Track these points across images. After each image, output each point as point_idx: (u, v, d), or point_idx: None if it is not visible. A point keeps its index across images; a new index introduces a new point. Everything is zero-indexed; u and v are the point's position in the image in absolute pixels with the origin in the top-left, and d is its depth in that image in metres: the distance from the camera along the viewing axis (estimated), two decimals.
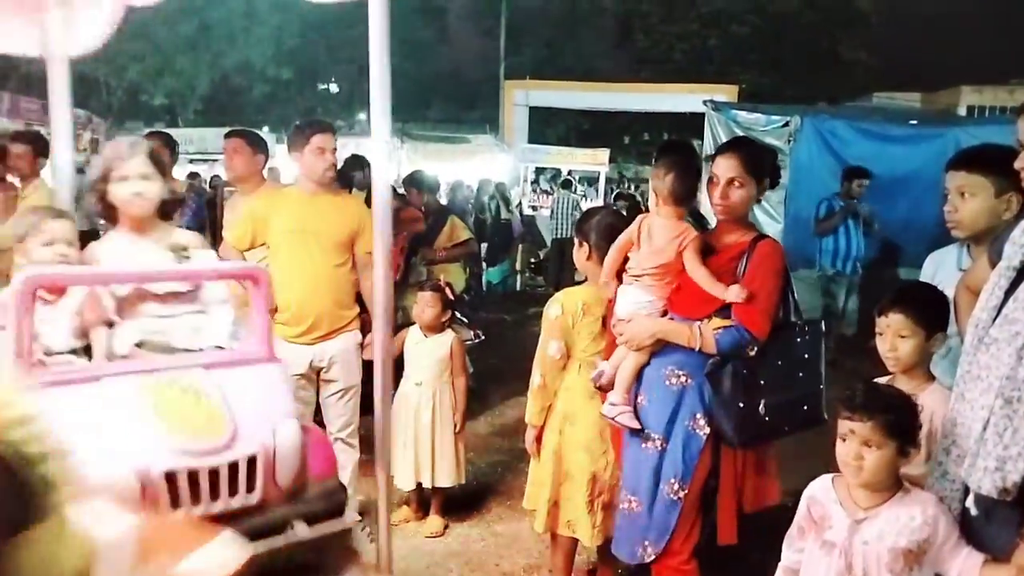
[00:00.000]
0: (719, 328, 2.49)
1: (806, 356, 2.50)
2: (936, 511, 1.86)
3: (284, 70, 21.94)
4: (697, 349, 2.49)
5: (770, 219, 7.65)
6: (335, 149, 3.51)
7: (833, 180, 7.43)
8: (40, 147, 5.00)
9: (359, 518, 3.70)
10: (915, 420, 1.92)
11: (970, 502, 1.81)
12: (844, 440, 1.91)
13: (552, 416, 3.00)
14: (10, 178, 4.75)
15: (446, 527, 3.78)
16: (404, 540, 3.70)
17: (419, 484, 3.74)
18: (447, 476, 3.73)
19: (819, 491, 2.05)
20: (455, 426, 3.75)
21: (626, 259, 2.69)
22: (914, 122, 8.24)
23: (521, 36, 25.02)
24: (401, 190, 6.09)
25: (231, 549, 1.38)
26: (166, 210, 2.49)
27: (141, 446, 1.88)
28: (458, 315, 5.50)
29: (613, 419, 2.69)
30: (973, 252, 2.59)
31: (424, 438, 3.68)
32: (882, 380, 2.32)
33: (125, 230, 2.43)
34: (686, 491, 2.54)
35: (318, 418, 3.69)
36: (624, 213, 3.69)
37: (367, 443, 3.81)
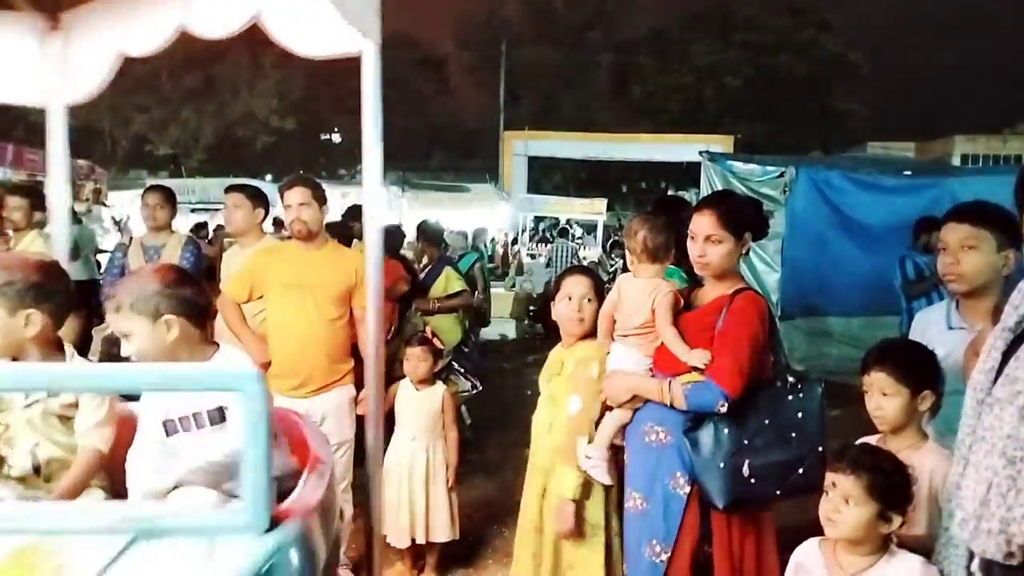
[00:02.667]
0: (689, 384, 2.41)
1: (799, 415, 2.36)
2: (923, 573, 1.83)
3: (287, 121, 22.30)
4: (668, 405, 2.44)
5: (768, 268, 7.68)
6: (303, 203, 3.49)
7: (828, 228, 7.48)
8: (37, 200, 5.05)
9: (351, 575, 3.68)
10: (904, 487, 1.89)
11: (975, 567, 1.78)
12: (827, 493, 1.90)
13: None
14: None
15: None
16: None
17: (413, 540, 3.69)
18: (441, 531, 3.67)
19: (805, 555, 2.02)
20: (448, 481, 3.70)
21: None
22: (908, 173, 8.32)
23: (520, 88, 25.48)
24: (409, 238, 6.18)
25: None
26: None
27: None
28: (455, 365, 5.49)
29: (587, 472, 2.63)
30: (962, 309, 2.59)
31: (418, 493, 3.64)
32: (872, 439, 2.30)
33: None
34: (669, 554, 2.43)
35: None
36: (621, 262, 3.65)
37: (360, 497, 3.78)
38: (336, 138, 28.55)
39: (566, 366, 2.82)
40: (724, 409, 2.34)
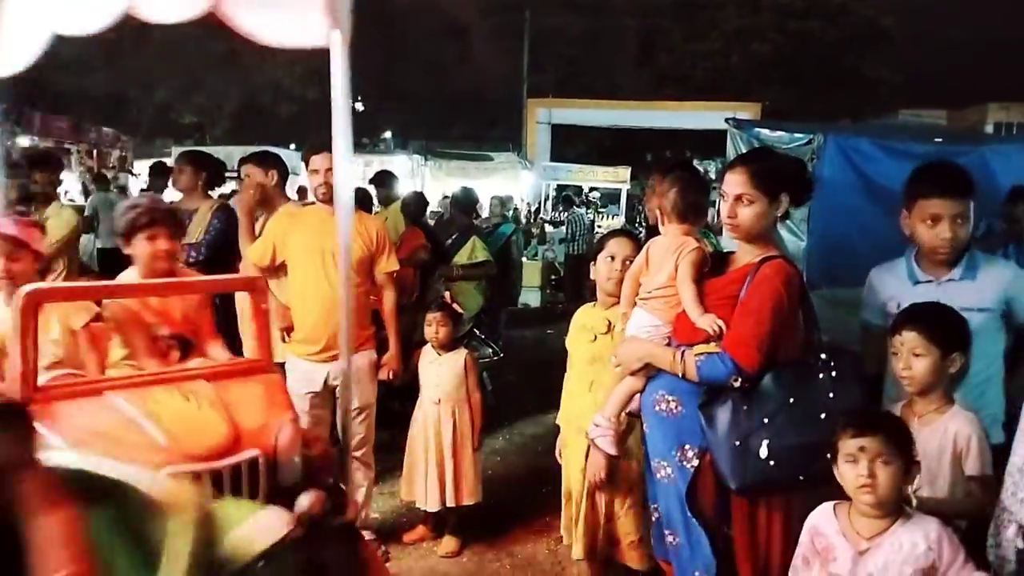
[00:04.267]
0: (702, 354, 2.27)
1: (831, 396, 2.16)
2: (939, 534, 1.83)
3: (311, 90, 22.26)
4: (680, 376, 2.31)
5: (793, 237, 7.57)
6: (330, 168, 3.49)
7: (856, 197, 7.33)
8: (57, 166, 5.11)
9: (373, 536, 3.73)
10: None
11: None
12: (854, 461, 1.86)
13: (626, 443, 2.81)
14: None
15: (461, 547, 3.76)
16: (419, 560, 3.69)
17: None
18: (468, 494, 3.70)
19: (821, 521, 2.00)
20: (473, 443, 3.74)
21: None
22: (939, 140, 8.14)
23: (544, 55, 25.16)
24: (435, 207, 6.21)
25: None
26: None
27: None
28: (477, 332, 5.52)
29: (593, 440, 2.63)
30: (924, 262, 2.57)
31: (446, 456, 3.67)
32: (900, 404, 2.28)
33: None
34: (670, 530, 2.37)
35: (334, 436, 3.70)
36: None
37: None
38: (359, 107, 28.49)
39: (615, 326, 2.83)
40: (738, 383, 2.19)
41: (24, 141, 9.17)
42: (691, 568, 2.36)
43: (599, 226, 13.51)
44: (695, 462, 2.32)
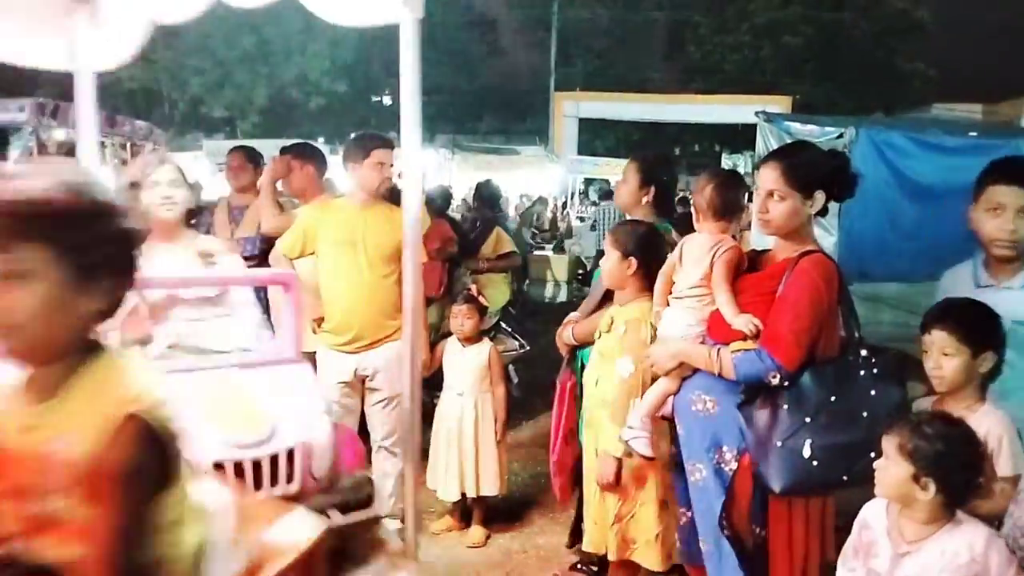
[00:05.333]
0: (739, 351, 2.22)
1: (872, 393, 2.13)
2: (986, 546, 1.77)
3: (339, 83, 22.39)
4: (716, 374, 2.27)
5: (824, 231, 7.48)
6: (393, 164, 3.54)
7: (888, 191, 7.25)
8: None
9: (400, 525, 3.76)
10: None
11: None
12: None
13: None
14: None
15: (488, 538, 3.79)
16: (445, 550, 3.72)
17: (462, 494, 3.76)
18: (490, 486, 3.74)
19: (871, 516, 1.99)
20: (496, 435, 3.76)
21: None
22: (974, 134, 8.00)
23: (572, 48, 25.09)
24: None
25: (309, 522, 1.63)
26: (190, 218, 2.79)
27: (191, 439, 1.94)
28: (503, 325, 5.54)
29: (627, 443, 2.59)
30: (992, 266, 2.51)
31: (467, 448, 3.70)
32: (928, 400, 2.26)
33: (156, 239, 2.52)
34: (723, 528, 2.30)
35: (362, 426, 3.74)
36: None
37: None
38: (387, 100, 28.60)
39: (616, 324, 2.82)
40: (776, 381, 2.15)
41: (60, 134, 9.33)
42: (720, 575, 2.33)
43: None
44: (733, 464, 2.30)
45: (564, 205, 17.28)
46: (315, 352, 3.65)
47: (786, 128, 7.82)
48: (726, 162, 19.91)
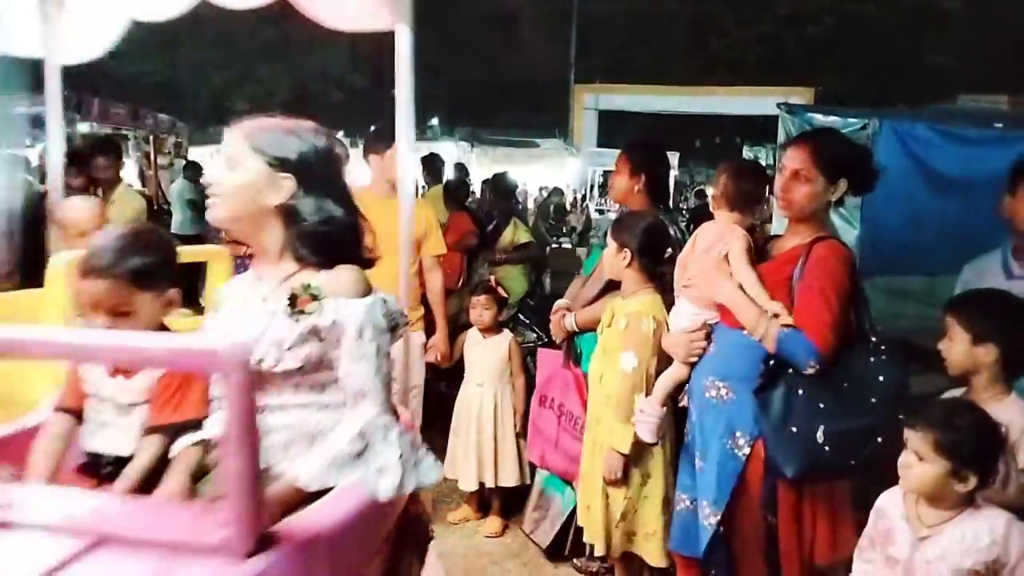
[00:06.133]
0: (788, 327, 2.18)
1: (881, 379, 2.14)
2: (1008, 530, 1.78)
3: (359, 78, 22.49)
4: (758, 339, 2.23)
5: (847, 224, 7.41)
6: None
7: (912, 183, 7.15)
8: (116, 153, 5.28)
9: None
10: (983, 446, 1.81)
11: None
12: (906, 446, 1.87)
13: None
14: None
15: (505, 528, 3.81)
16: (463, 539, 3.75)
17: (481, 484, 3.78)
18: (509, 476, 3.75)
19: (887, 504, 1.99)
20: (516, 426, 3.77)
21: None
22: (999, 125, 7.88)
23: (592, 40, 24.94)
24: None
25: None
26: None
27: None
28: (521, 317, 5.54)
29: (635, 424, 2.62)
30: (1018, 254, 2.46)
31: (487, 439, 3.72)
32: (958, 391, 2.24)
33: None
34: (718, 518, 2.32)
35: None
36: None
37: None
38: None
39: (617, 318, 2.80)
40: (812, 370, 2.14)
41: (84, 127, 9.45)
42: (704, 497, 2.38)
43: None
44: (746, 449, 2.30)
45: (584, 198, 17.23)
46: None
47: (808, 120, 7.73)
48: (747, 154, 19.74)
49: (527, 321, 5.49)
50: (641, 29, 26.55)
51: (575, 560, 3.45)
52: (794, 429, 2.15)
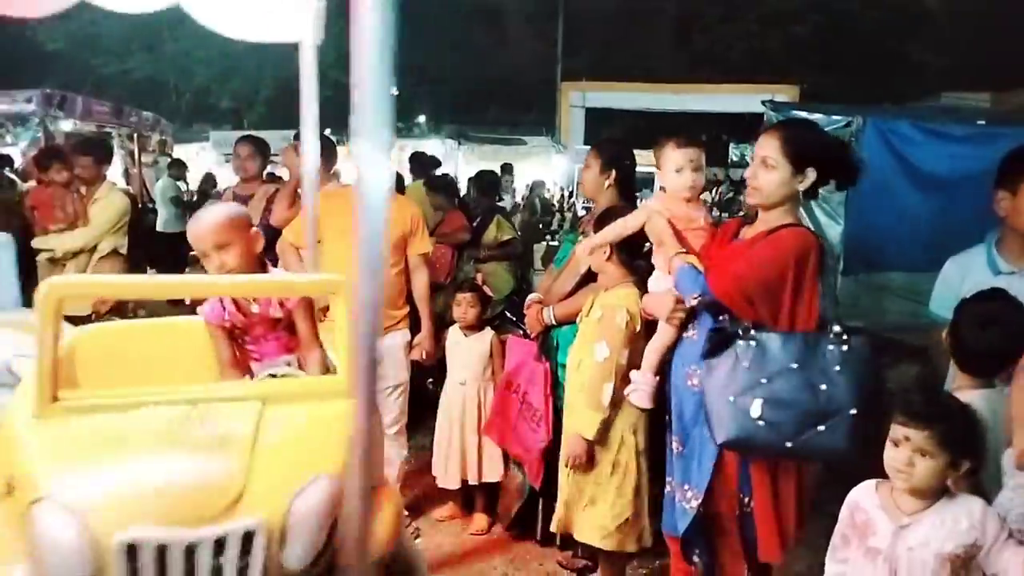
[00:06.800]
0: (690, 264, 2.40)
1: (837, 369, 2.13)
2: (983, 514, 1.82)
3: (342, 74, 22.37)
4: (667, 265, 2.48)
5: (831, 220, 7.46)
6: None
7: (896, 180, 7.21)
8: (103, 154, 5.22)
9: (406, 513, 3.79)
10: (973, 432, 1.88)
11: None
12: (896, 445, 1.87)
13: (615, 429, 2.81)
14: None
15: (491, 525, 3.80)
16: (449, 537, 3.74)
17: (464, 482, 3.77)
18: (492, 472, 3.75)
19: (862, 497, 2.01)
20: None
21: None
22: (982, 122, 7.94)
23: (578, 37, 24.93)
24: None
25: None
26: None
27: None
28: (507, 314, 5.54)
29: (627, 396, 2.68)
30: (1005, 249, 2.46)
31: (470, 436, 3.72)
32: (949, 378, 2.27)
33: None
34: (700, 500, 2.37)
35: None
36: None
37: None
38: (393, 91, 28.54)
39: (594, 309, 2.88)
40: (695, 301, 2.30)
41: (67, 124, 9.35)
42: (686, 481, 2.44)
43: None
44: None
45: (571, 195, 17.24)
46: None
47: (793, 117, 7.80)
48: (733, 151, 19.77)
49: (514, 319, 5.49)
50: (627, 26, 26.57)
51: (559, 558, 3.46)
52: (731, 398, 2.18)
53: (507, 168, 9.76)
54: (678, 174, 2.62)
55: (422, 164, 7.26)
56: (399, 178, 6.66)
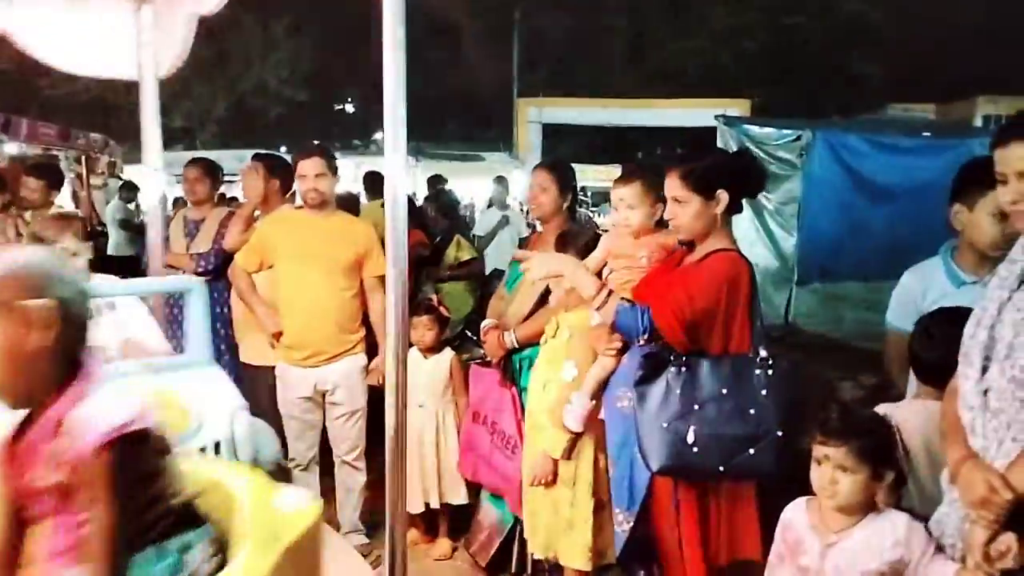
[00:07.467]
0: (627, 301, 2.35)
1: (764, 394, 2.18)
2: (908, 530, 1.83)
3: (300, 92, 22.21)
4: (595, 309, 2.41)
5: (785, 233, 7.60)
6: (320, 174, 3.47)
7: (846, 192, 7.36)
8: (54, 179, 5.07)
9: (367, 541, 3.72)
10: (891, 442, 1.92)
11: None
12: (819, 464, 1.89)
13: (585, 447, 2.78)
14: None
15: (455, 550, 3.74)
16: (413, 563, 3.65)
17: (428, 505, 3.71)
18: (453, 493, 3.69)
19: (793, 515, 2.02)
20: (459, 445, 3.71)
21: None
22: (927, 134, 8.16)
23: (534, 54, 25.16)
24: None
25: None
26: None
27: None
28: (468, 334, 5.50)
29: (563, 417, 2.69)
30: (962, 260, 2.48)
31: (430, 460, 3.66)
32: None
33: None
34: (632, 523, 2.40)
35: (325, 441, 3.69)
36: None
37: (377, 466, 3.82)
38: (349, 108, 28.48)
39: (561, 330, 2.85)
40: (642, 342, 2.25)
41: (11, 148, 9.11)
42: (618, 504, 2.47)
43: (600, 226, 13.51)
44: None
45: (529, 212, 17.29)
46: (274, 367, 3.60)
47: (744, 131, 7.93)
48: None
49: (475, 338, 5.45)
50: (581, 43, 26.86)
51: None
52: (664, 425, 2.20)
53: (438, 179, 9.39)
54: (616, 211, 2.67)
55: (377, 183, 7.18)
56: (354, 198, 6.58)
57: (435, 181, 9.06)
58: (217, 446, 2.62)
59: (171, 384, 2.61)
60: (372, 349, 3.67)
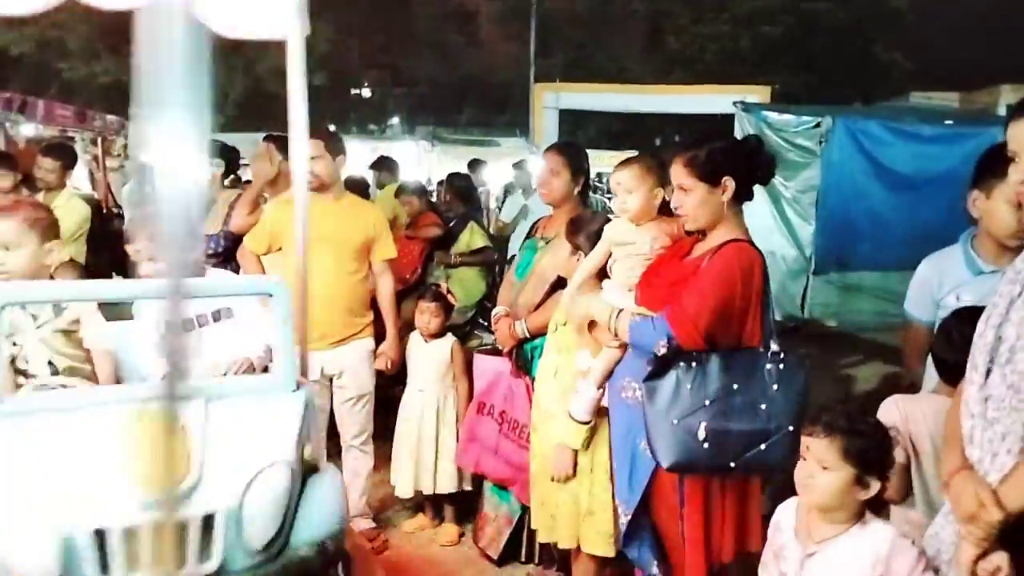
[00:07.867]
0: (638, 316, 2.31)
1: (775, 388, 2.16)
2: (892, 548, 1.71)
3: (316, 75, 22.14)
4: (613, 334, 2.39)
5: (803, 221, 7.49)
6: (316, 156, 3.39)
7: (865, 180, 7.24)
8: (69, 160, 5.08)
9: (373, 525, 3.71)
10: (884, 450, 1.80)
11: None
12: (803, 458, 1.82)
13: (602, 431, 2.73)
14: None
15: (461, 535, 3.73)
16: (419, 548, 3.66)
17: (418, 492, 3.70)
18: (447, 482, 3.66)
19: (783, 518, 1.96)
20: (458, 432, 3.69)
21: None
22: (950, 122, 8.01)
23: (551, 39, 24.97)
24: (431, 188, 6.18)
25: None
26: None
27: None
28: (480, 320, 5.47)
29: (570, 406, 2.66)
30: (982, 248, 2.42)
31: (427, 445, 3.64)
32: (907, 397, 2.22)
33: None
34: (630, 516, 2.38)
35: (332, 424, 3.68)
36: None
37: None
38: (366, 92, 28.43)
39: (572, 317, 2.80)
40: (663, 351, 2.19)
41: (28, 129, 9.14)
42: (618, 496, 2.47)
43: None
44: None
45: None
46: None
47: (763, 118, 7.80)
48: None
49: (485, 324, 5.42)
50: (600, 28, 26.61)
51: (529, 570, 3.39)
52: (675, 421, 2.17)
53: (476, 164, 9.63)
54: (616, 197, 2.64)
55: (389, 169, 7.15)
56: (363, 183, 6.56)
57: (474, 165, 9.11)
58: (208, 521, 1.76)
59: (188, 417, 1.83)
60: (380, 333, 3.65)
